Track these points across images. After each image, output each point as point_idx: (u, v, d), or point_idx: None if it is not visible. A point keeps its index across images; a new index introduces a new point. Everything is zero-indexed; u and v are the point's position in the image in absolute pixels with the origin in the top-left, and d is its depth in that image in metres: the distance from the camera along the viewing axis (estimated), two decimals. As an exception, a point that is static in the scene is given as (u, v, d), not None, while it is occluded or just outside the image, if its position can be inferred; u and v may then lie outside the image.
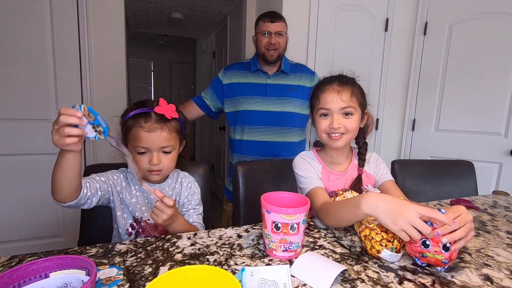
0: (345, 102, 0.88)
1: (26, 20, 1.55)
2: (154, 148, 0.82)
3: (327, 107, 0.89)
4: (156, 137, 0.81)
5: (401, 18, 2.09)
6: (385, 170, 1.00)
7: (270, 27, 1.45)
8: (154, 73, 5.81)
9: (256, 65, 1.52)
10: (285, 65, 1.55)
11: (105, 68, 1.76)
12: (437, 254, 0.58)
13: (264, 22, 1.46)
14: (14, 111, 1.58)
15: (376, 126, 2.17)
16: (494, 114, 1.86)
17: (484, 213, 1.01)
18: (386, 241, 0.62)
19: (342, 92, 0.88)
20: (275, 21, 1.46)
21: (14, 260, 0.60)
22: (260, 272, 0.54)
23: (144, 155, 0.83)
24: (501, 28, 1.81)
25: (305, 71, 1.60)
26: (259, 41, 1.48)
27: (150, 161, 0.82)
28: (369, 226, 0.66)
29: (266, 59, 1.48)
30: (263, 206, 0.65)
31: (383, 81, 2.13)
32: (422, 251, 0.59)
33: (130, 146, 0.84)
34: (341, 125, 0.88)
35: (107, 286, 0.53)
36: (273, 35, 1.45)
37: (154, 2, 2.93)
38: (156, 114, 0.82)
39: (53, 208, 1.72)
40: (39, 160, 1.66)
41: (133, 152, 0.82)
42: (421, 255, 0.60)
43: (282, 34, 1.47)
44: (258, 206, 0.67)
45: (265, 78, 1.53)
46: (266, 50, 1.46)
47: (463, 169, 1.46)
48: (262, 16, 1.51)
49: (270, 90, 1.52)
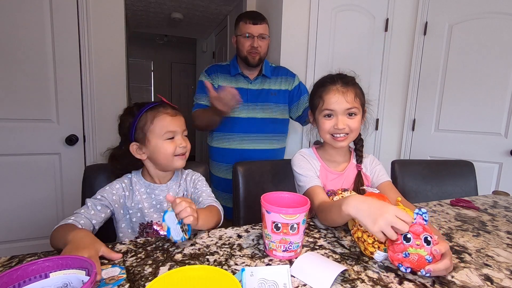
0: (350, 103, 0.89)
1: (26, 20, 1.55)
2: (179, 131, 0.86)
3: (332, 108, 0.90)
4: (179, 121, 0.87)
5: (401, 18, 2.09)
6: (382, 171, 1.00)
7: (252, 29, 1.37)
8: (154, 73, 5.81)
9: (237, 68, 1.45)
10: (266, 68, 1.49)
11: (105, 68, 1.76)
12: (419, 248, 0.57)
13: (246, 23, 1.38)
14: (14, 111, 1.58)
15: (376, 126, 2.17)
16: (494, 114, 1.85)
17: (484, 213, 1.01)
18: (378, 243, 0.63)
19: (347, 93, 0.89)
20: (258, 23, 1.38)
21: (14, 260, 0.60)
22: (260, 272, 0.54)
23: (172, 140, 0.85)
24: (501, 28, 1.80)
25: (285, 74, 1.54)
26: (241, 44, 1.41)
27: (180, 144, 0.85)
28: (360, 228, 0.66)
29: (248, 62, 1.41)
30: (263, 206, 0.65)
31: (383, 81, 2.13)
32: (405, 247, 0.57)
33: (153, 137, 0.83)
34: (345, 125, 0.89)
35: (110, 286, 0.53)
36: (255, 38, 1.38)
37: (154, 2, 2.93)
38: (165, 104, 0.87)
39: (53, 208, 1.72)
40: (39, 160, 1.66)
41: (160, 140, 0.83)
42: (404, 255, 0.57)
43: (264, 37, 1.40)
44: (258, 206, 0.67)
45: (246, 83, 1.46)
46: (248, 53, 1.39)
47: (463, 169, 1.46)
48: (244, 16, 1.41)
49: (251, 95, 1.45)
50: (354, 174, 0.98)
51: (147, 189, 0.88)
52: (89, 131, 1.74)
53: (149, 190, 0.88)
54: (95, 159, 1.77)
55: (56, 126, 1.67)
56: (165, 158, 0.85)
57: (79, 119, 1.72)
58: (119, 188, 0.86)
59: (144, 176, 0.90)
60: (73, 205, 1.71)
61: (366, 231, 0.64)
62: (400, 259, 0.58)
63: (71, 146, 1.71)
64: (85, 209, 0.78)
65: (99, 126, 1.76)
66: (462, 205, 1.07)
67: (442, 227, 0.87)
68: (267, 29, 1.43)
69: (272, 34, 2.01)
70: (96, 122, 1.76)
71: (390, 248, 0.60)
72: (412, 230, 0.58)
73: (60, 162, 1.70)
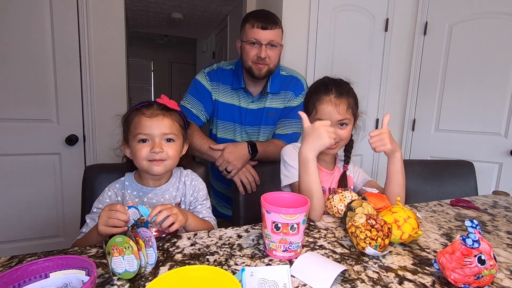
0: (342, 114, 0.93)
1: (26, 20, 1.55)
2: (157, 134, 0.79)
3: (324, 119, 0.92)
4: (158, 122, 0.79)
5: (401, 18, 2.09)
6: (363, 175, 1.10)
7: (260, 35, 1.11)
8: (154, 73, 5.82)
9: (240, 82, 1.22)
10: (274, 83, 1.24)
11: (105, 68, 1.76)
12: (492, 268, 0.53)
13: (253, 27, 1.12)
14: (14, 111, 1.58)
15: (376, 126, 2.17)
16: (494, 114, 1.85)
17: (484, 213, 1.01)
18: (370, 239, 0.65)
19: (340, 105, 0.93)
20: (268, 27, 1.11)
21: (14, 260, 0.60)
22: (260, 272, 0.54)
23: (146, 143, 0.79)
24: (501, 28, 1.80)
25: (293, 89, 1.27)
26: (245, 52, 1.16)
27: (152, 149, 0.78)
28: (354, 224, 0.68)
29: (253, 73, 1.17)
30: (263, 206, 0.65)
31: (383, 81, 2.13)
32: (479, 270, 0.52)
33: (131, 137, 0.81)
34: (337, 135, 0.91)
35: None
36: (263, 46, 1.12)
37: (154, 2, 2.93)
38: (158, 104, 0.82)
39: (53, 208, 1.72)
40: (39, 160, 1.66)
41: (134, 141, 0.80)
42: (476, 277, 0.53)
43: (275, 44, 1.14)
44: (258, 206, 0.67)
45: (247, 101, 1.24)
46: (254, 63, 1.15)
47: (463, 169, 1.46)
48: (251, 17, 1.14)
49: (249, 117, 1.25)
50: (339, 174, 1.05)
51: (139, 193, 0.84)
52: (89, 131, 1.74)
53: (141, 194, 0.84)
54: (95, 159, 1.77)
55: (56, 126, 1.67)
56: (139, 162, 0.80)
57: (79, 119, 1.72)
58: (111, 195, 0.83)
59: (138, 179, 0.87)
60: (73, 205, 1.71)
61: (359, 227, 0.66)
62: (470, 281, 0.53)
63: (71, 146, 1.71)
64: (87, 228, 0.78)
65: (99, 126, 1.76)
66: (462, 205, 1.07)
67: (442, 227, 0.87)
68: (280, 35, 1.16)
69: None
70: (96, 122, 1.76)
71: (460, 271, 0.53)
72: (483, 250, 0.53)
73: (60, 162, 1.70)
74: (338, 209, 0.89)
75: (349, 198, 0.90)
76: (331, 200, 0.92)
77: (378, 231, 0.65)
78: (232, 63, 1.30)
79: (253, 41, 1.13)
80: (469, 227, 0.54)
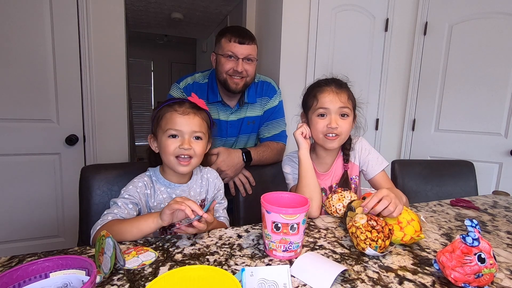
0: (343, 102, 0.94)
1: (26, 20, 1.54)
2: (187, 131, 0.82)
3: (325, 107, 0.94)
4: (189, 120, 0.82)
5: (401, 18, 2.09)
6: (373, 161, 1.02)
7: (238, 49, 1.14)
8: (154, 73, 5.82)
9: (217, 95, 1.23)
10: (250, 93, 1.26)
11: (105, 68, 1.76)
12: (492, 267, 0.53)
13: (230, 41, 1.14)
14: (14, 111, 1.58)
15: (376, 126, 2.16)
16: (494, 114, 1.85)
17: (484, 213, 1.01)
18: (370, 240, 0.65)
19: (341, 94, 0.95)
20: (245, 42, 1.14)
21: (14, 260, 0.60)
22: (260, 272, 0.54)
23: (175, 139, 0.82)
24: (501, 28, 1.80)
25: (267, 93, 1.31)
26: (221, 64, 1.16)
27: (181, 145, 0.80)
28: (355, 225, 0.68)
29: (228, 87, 1.18)
30: (263, 206, 0.65)
31: (383, 81, 2.13)
32: (479, 269, 0.52)
33: (160, 132, 0.83)
34: (338, 125, 0.93)
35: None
36: (240, 60, 1.14)
37: (154, 2, 2.93)
38: (189, 102, 0.85)
39: (53, 208, 1.72)
40: (39, 160, 1.66)
41: (164, 136, 0.82)
42: (477, 276, 0.53)
43: (252, 59, 1.18)
44: (258, 206, 0.67)
45: (226, 114, 1.25)
46: (229, 76, 1.16)
47: (463, 169, 1.46)
48: (228, 33, 1.16)
49: (230, 128, 1.26)
50: (340, 172, 1.03)
51: (167, 189, 0.87)
52: (89, 131, 1.74)
53: (170, 190, 0.87)
54: (95, 159, 1.77)
55: (56, 126, 1.67)
56: (167, 158, 0.82)
57: (79, 119, 1.72)
58: (142, 186, 0.84)
59: (163, 174, 0.88)
60: (73, 205, 1.71)
61: (360, 227, 0.66)
62: (470, 280, 0.53)
63: (71, 146, 1.71)
64: (118, 209, 0.77)
65: (99, 126, 1.76)
66: (462, 205, 1.07)
67: (442, 227, 0.87)
68: (256, 51, 1.20)
69: (272, 34, 2.01)
70: (96, 122, 1.75)
71: (460, 269, 0.54)
72: (483, 248, 0.53)
73: (60, 162, 1.70)
74: (336, 208, 0.90)
75: (348, 198, 0.91)
76: (330, 199, 0.93)
77: (379, 232, 0.65)
78: (206, 77, 1.30)
79: (229, 54, 1.15)
80: (469, 226, 0.55)
